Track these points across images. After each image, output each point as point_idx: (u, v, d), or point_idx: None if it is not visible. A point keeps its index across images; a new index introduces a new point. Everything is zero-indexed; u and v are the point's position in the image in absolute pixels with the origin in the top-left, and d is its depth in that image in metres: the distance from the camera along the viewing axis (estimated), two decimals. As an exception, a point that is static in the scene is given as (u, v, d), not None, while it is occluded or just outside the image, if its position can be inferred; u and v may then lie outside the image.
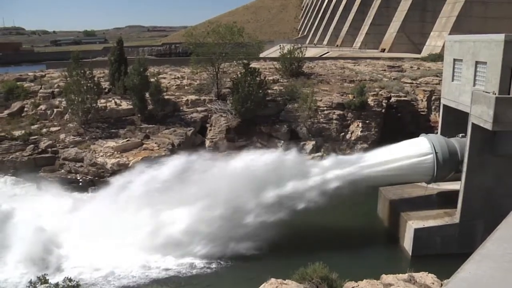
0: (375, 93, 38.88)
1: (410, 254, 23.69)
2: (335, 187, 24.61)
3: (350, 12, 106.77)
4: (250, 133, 36.24)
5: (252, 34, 45.86)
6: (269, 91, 38.90)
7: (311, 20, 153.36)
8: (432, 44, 65.68)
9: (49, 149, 35.59)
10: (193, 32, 41.96)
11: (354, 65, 53.15)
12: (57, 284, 12.22)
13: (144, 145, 34.65)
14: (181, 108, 39.09)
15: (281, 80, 43.73)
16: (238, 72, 38.36)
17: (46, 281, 12.24)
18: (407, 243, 24.20)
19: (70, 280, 12.54)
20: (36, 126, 38.39)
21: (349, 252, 23.61)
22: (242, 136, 36.06)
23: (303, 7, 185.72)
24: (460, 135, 25.74)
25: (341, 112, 37.01)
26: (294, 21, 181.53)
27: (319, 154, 34.90)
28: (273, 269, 17.17)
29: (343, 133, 36.49)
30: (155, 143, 34.62)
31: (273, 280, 14.42)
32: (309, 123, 36.57)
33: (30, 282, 12.26)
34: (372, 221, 28.64)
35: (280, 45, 54.59)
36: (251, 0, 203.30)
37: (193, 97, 40.31)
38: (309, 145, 35.52)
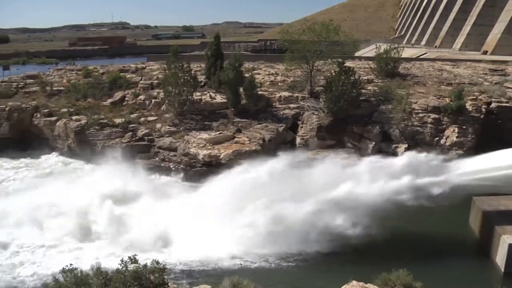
0: (474, 97, 37.19)
1: (503, 270, 22.36)
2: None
3: (451, 11, 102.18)
4: (341, 133, 35.94)
5: (348, 33, 45.26)
6: (363, 91, 38.35)
7: (409, 19, 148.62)
8: (542, 47, 61.65)
9: (146, 137, 37.33)
10: (288, 29, 42.17)
11: (453, 67, 51.03)
12: (145, 265, 12.75)
13: (235, 139, 35.38)
14: (274, 104, 39.53)
15: (376, 80, 42.98)
16: (332, 71, 38.12)
17: (136, 261, 12.79)
18: (500, 258, 22.91)
19: (157, 262, 13.03)
20: (135, 115, 40.36)
21: (435, 262, 22.78)
22: (333, 135, 35.85)
23: (401, 5, 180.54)
24: None
25: (437, 116, 35.73)
26: (391, 20, 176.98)
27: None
28: (355, 271, 17.04)
29: (437, 138, 35.23)
30: (247, 137, 35.25)
31: (354, 282, 14.38)
32: (403, 125, 35.68)
33: (122, 260, 12.83)
34: (463, 232, 27.38)
35: (376, 45, 53.64)
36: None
37: (286, 93, 40.63)
38: (401, 148, 34.65)
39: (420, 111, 36.19)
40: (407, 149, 34.34)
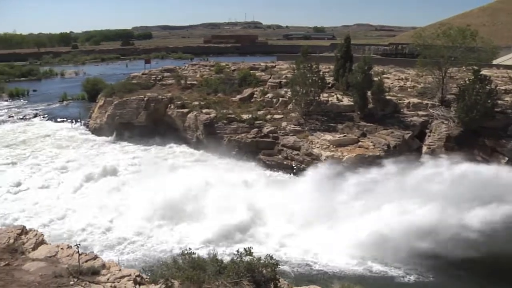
0: None
1: None
2: None
3: None
4: (471, 145, 33.99)
5: (486, 38, 42.73)
6: (499, 101, 36.10)
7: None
8: None
9: (271, 135, 38.30)
10: (421, 34, 41.01)
11: None
12: (259, 258, 13.16)
13: (359, 143, 35.05)
14: (402, 110, 38.52)
15: (515, 91, 40.29)
16: (466, 79, 36.30)
17: (250, 253, 13.22)
18: None
19: (271, 257, 13.37)
20: (261, 112, 41.61)
21: None
22: (462, 146, 34.08)
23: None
24: None
25: None
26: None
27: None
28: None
29: None
30: (371, 142, 34.79)
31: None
32: (541, 141, 33.12)
33: (237, 251, 13.35)
34: None
35: (518, 52, 50.25)
36: (488, 1, 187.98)
37: (415, 100, 39.50)
38: (537, 166, 32.10)
39: (563, 127, 33.40)
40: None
